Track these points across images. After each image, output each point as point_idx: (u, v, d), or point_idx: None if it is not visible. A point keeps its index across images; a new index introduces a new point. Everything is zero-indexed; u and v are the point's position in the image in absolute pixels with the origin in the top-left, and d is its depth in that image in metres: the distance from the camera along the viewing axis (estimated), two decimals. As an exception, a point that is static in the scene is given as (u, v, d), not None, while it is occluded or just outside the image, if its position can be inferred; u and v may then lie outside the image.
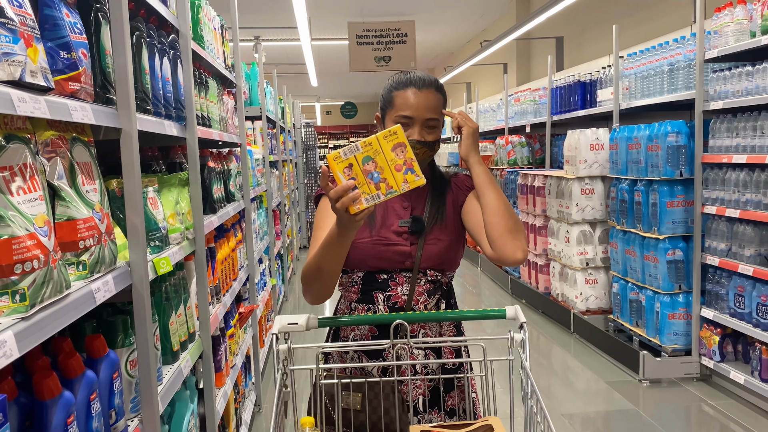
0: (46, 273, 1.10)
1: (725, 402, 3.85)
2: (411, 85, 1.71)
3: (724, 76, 3.84)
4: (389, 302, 1.73)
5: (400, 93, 1.71)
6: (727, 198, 3.85)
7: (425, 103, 1.69)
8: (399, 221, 1.76)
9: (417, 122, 1.69)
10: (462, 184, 1.83)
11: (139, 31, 1.79)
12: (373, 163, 1.32)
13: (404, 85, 1.71)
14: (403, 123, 1.70)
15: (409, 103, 1.69)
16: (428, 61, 15.74)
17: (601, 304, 5.17)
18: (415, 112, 1.69)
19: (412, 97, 1.69)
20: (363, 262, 1.74)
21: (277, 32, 10.26)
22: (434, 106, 1.70)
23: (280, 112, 7.37)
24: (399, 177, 1.33)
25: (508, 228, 1.64)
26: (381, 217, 1.76)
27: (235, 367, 3.03)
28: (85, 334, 1.47)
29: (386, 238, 1.73)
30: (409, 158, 1.34)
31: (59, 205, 1.25)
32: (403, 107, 1.70)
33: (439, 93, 1.73)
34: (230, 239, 3.19)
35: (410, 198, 1.79)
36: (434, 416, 1.73)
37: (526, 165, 7.36)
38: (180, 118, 2.22)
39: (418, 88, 1.70)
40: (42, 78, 1.14)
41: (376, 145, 1.33)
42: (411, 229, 1.74)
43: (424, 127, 1.70)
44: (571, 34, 8.36)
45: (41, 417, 1.13)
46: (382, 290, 1.73)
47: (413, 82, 1.71)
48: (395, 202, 1.79)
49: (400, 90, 1.72)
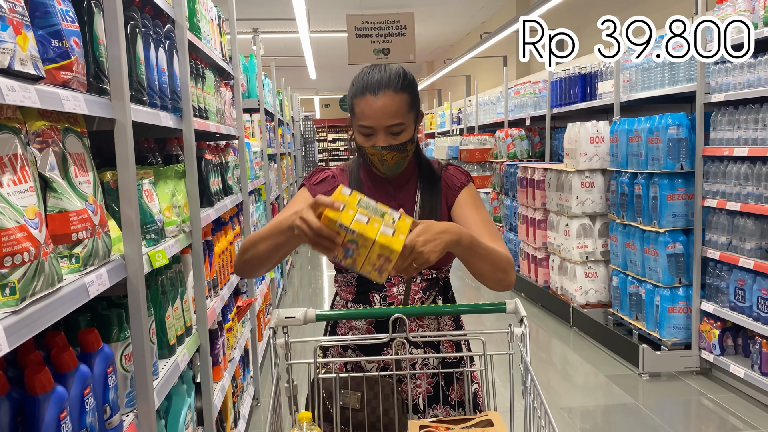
0: (37, 266, 1.07)
1: (725, 396, 3.84)
2: (367, 91, 1.59)
3: (726, 68, 3.81)
4: (385, 302, 1.71)
5: (358, 101, 1.61)
6: (727, 191, 3.82)
7: (383, 110, 1.57)
8: None
9: (379, 130, 1.59)
10: (452, 183, 1.75)
11: (134, 21, 1.76)
12: (355, 245, 1.31)
13: (361, 92, 1.60)
14: (366, 133, 1.62)
15: (367, 113, 1.59)
16: (427, 53, 15.68)
17: (601, 297, 5.16)
18: (375, 121, 1.58)
19: (370, 105, 1.58)
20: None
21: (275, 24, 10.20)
22: (395, 110, 1.58)
23: (279, 104, 7.33)
24: (367, 266, 1.32)
25: (497, 279, 1.58)
26: None
27: (233, 360, 3.01)
28: (79, 328, 1.45)
29: None
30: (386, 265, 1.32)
31: (51, 197, 1.23)
32: (362, 116, 1.60)
33: (402, 92, 1.60)
34: (228, 232, 3.17)
35: (398, 196, 1.73)
36: (439, 411, 1.71)
37: (525, 158, 7.33)
38: (176, 109, 2.19)
39: (374, 94, 1.58)
40: (32, 66, 1.12)
41: (369, 244, 1.29)
42: None
43: (388, 133, 1.60)
44: (572, 27, 8.31)
45: (33, 412, 1.11)
46: (378, 290, 1.70)
47: (369, 87, 1.59)
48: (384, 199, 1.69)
49: (358, 97, 1.61)
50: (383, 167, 1.65)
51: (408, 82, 1.63)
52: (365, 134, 1.63)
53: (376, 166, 1.67)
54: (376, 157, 1.63)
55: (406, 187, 1.75)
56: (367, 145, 1.62)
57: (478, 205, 1.72)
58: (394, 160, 1.64)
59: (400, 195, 1.74)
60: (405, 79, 1.63)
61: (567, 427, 3.53)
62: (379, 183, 1.75)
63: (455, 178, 1.75)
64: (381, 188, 1.74)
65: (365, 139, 1.63)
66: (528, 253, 6.29)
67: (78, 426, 1.22)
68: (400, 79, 1.61)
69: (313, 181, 1.74)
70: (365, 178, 1.75)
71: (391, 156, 1.62)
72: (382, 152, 1.61)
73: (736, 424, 3.50)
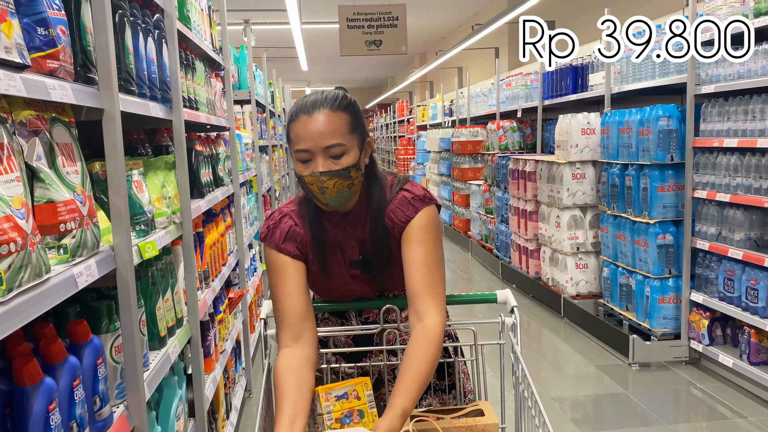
0: (24, 256, 1.06)
1: (714, 385, 3.88)
2: (301, 112, 1.48)
3: (716, 60, 3.82)
4: (361, 317, 1.71)
5: (293, 125, 1.49)
6: (717, 182, 3.84)
7: (318, 129, 1.45)
8: (349, 263, 1.62)
9: (317, 153, 1.46)
10: (397, 219, 1.57)
11: (122, 10, 1.74)
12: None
13: (296, 115, 1.49)
14: (304, 159, 1.48)
15: (302, 135, 1.46)
16: (419, 45, 15.63)
17: (591, 288, 5.19)
18: (310, 142, 1.45)
19: (305, 126, 1.46)
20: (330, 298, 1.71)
21: (266, 15, 10.14)
22: (332, 129, 1.45)
23: (270, 96, 7.29)
24: None
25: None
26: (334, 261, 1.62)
27: (225, 352, 3.01)
28: (68, 319, 1.44)
29: (345, 283, 1.64)
30: None
31: (38, 187, 1.21)
32: (297, 140, 1.47)
33: (339, 111, 1.47)
34: (219, 224, 3.16)
35: (355, 233, 1.61)
36: (432, 399, 1.72)
37: (517, 150, 7.34)
38: (166, 100, 2.18)
39: (308, 113, 1.46)
40: (17, 54, 1.10)
41: None
42: (363, 271, 1.63)
43: (328, 156, 1.46)
44: (563, 18, 8.31)
45: (22, 404, 1.11)
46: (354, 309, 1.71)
47: (303, 108, 1.48)
48: (343, 239, 1.61)
49: (293, 121, 1.49)
50: (324, 196, 1.49)
51: (347, 103, 1.52)
52: (303, 161, 1.48)
53: (317, 197, 1.51)
54: (315, 185, 1.47)
55: (362, 221, 1.61)
56: (306, 173, 1.48)
57: (420, 239, 1.53)
58: (336, 189, 1.48)
59: (357, 231, 1.62)
60: (344, 99, 1.51)
61: (557, 416, 3.56)
62: (336, 220, 1.62)
63: (400, 211, 1.57)
64: (338, 226, 1.62)
65: (304, 166, 1.49)
66: (519, 244, 6.31)
67: (67, 418, 1.21)
68: (337, 100, 1.50)
69: (278, 239, 1.58)
70: (323, 218, 1.62)
71: (333, 183, 1.47)
72: (322, 178, 1.46)
73: (724, 413, 3.53)
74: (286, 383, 1.42)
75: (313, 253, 1.60)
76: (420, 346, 1.42)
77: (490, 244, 7.63)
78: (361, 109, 1.58)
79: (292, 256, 1.57)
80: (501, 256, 7.03)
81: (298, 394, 1.40)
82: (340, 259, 1.62)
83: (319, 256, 1.60)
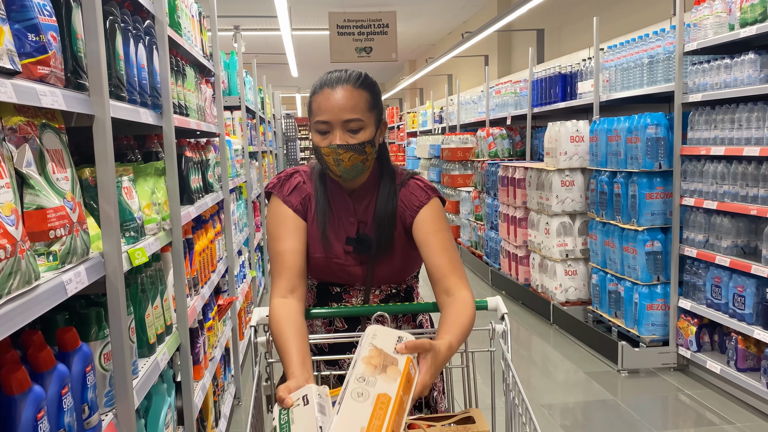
0: (13, 263, 1.06)
1: (701, 391, 3.90)
2: (325, 86, 1.55)
3: (703, 69, 3.86)
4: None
5: (315, 97, 1.56)
6: (705, 190, 3.88)
7: (340, 103, 1.52)
8: (345, 239, 1.65)
9: (336, 126, 1.53)
10: (410, 203, 1.64)
11: (113, 16, 1.74)
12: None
13: (320, 87, 1.56)
14: (322, 130, 1.55)
15: (323, 107, 1.53)
16: (409, 52, 15.69)
17: (581, 295, 5.21)
18: (331, 115, 1.52)
19: (327, 99, 1.53)
20: (317, 275, 1.71)
21: (257, 21, 10.15)
22: (353, 104, 1.53)
23: (260, 102, 7.28)
24: None
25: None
26: (333, 230, 1.66)
27: (214, 359, 2.99)
28: (57, 326, 1.43)
29: (336, 256, 1.65)
30: None
31: (28, 194, 1.21)
32: (318, 111, 1.54)
33: (361, 89, 1.55)
34: (209, 230, 3.15)
35: (357, 210, 1.66)
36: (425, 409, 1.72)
37: (506, 157, 7.38)
38: (156, 106, 2.17)
39: (332, 87, 1.54)
40: (8, 60, 1.10)
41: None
42: (356, 250, 1.64)
43: (345, 130, 1.53)
44: (552, 27, 8.38)
45: (10, 412, 1.09)
46: (337, 302, 1.71)
47: (327, 82, 1.56)
48: (344, 213, 1.66)
49: (316, 94, 1.57)
50: (339, 168, 1.56)
51: (369, 82, 1.59)
52: (321, 132, 1.56)
53: (331, 169, 1.58)
54: (331, 157, 1.55)
55: (366, 201, 1.67)
56: (323, 144, 1.55)
57: (438, 227, 1.60)
58: (350, 162, 1.55)
59: (359, 209, 1.66)
60: (366, 78, 1.59)
61: (547, 423, 3.56)
62: (341, 194, 1.67)
63: (413, 196, 1.64)
64: (342, 200, 1.67)
65: (321, 138, 1.56)
66: (509, 251, 6.33)
67: (56, 426, 1.20)
68: (360, 78, 1.57)
69: (285, 191, 1.66)
70: (330, 188, 1.67)
71: (348, 156, 1.54)
72: (338, 151, 1.53)
73: (712, 419, 3.56)
74: (288, 329, 1.45)
75: (314, 214, 1.65)
76: (457, 308, 1.47)
77: (479, 251, 7.65)
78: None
79: (294, 209, 1.63)
80: (491, 263, 7.04)
81: (301, 340, 1.44)
82: (340, 231, 1.66)
83: (320, 220, 1.64)
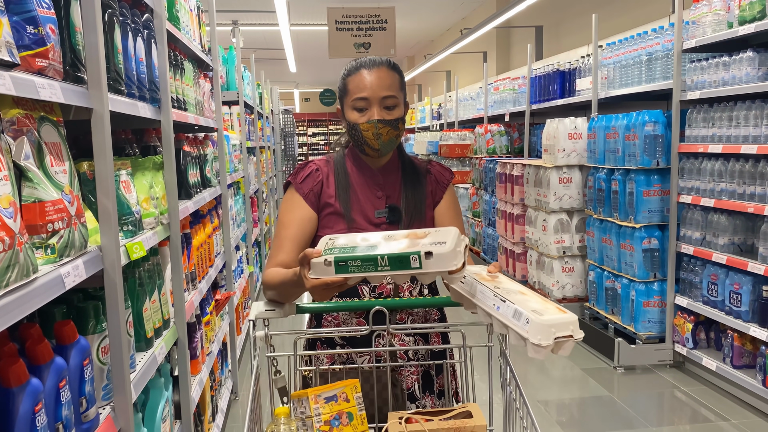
0: (11, 256, 1.05)
1: (698, 388, 3.91)
2: (362, 67, 1.68)
3: (701, 67, 3.87)
4: (375, 293, 1.72)
5: (352, 77, 1.69)
6: (702, 187, 3.89)
7: (378, 82, 1.65)
8: (375, 212, 1.72)
9: (374, 102, 1.65)
10: (441, 179, 1.80)
11: (112, 9, 1.74)
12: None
13: (356, 69, 1.69)
14: (360, 107, 1.67)
15: (362, 85, 1.66)
16: (408, 48, 15.67)
17: (578, 292, 5.22)
18: (370, 92, 1.65)
19: (365, 78, 1.66)
20: None
21: (255, 17, 10.12)
22: (389, 83, 1.67)
23: (258, 97, 7.27)
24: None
25: None
26: (357, 207, 1.72)
27: (212, 354, 2.99)
28: (55, 320, 1.43)
29: (361, 230, 1.69)
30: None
31: (26, 187, 1.20)
32: (357, 90, 1.66)
33: (393, 71, 1.69)
34: (206, 225, 3.14)
35: (384, 186, 1.76)
36: (426, 401, 1.73)
37: (504, 154, 7.38)
38: (154, 100, 2.17)
39: (369, 68, 1.67)
40: (6, 53, 1.10)
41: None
42: (389, 219, 1.71)
43: (382, 107, 1.66)
44: (551, 24, 8.37)
45: (7, 405, 1.09)
46: (367, 282, 1.70)
47: (364, 64, 1.69)
48: (369, 191, 1.75)
49: (352, 75, 1.69)
50: (378, 142, 1.67)
51: (397, 67, 1.73)
52: (359, 109, 1.66)
53: (369, 144, 1.68)
54: (371, 131, 1.66)
55: (392, 177, 1.78)
56: (362, 120, 1.66)
57: (458, 211, 1.81)
58: (388, 136, 1.67)
59: (387, 185, 1.76)
60: (395, 63, 1.72)
61: (543, 419, 3.57)
62: (367, 172, 1.76)
63: (442, 174, 1.81)
64: (369, 178, 1.75)
65: (359, 114, 1.67)
66: (506, 247, 6.34)
67: (53, 419, 1.20)
68: (391, 62, 1.71)
69: (299, 179, 1.75)
70: (352, 169, 1.77)
71: (386, 131, 1.66)
72: (378, 125, 1.64)
73: (707, 415, 3.57)
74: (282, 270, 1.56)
75: (336, 193, 1.72)
76: None
77: (477, 248, 7.65)
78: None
79: (304, 195, 1.71)
80: (488, 260, 7.05)
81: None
82: (366, 205, 1.73)
83: (342, 198, 1.71)
